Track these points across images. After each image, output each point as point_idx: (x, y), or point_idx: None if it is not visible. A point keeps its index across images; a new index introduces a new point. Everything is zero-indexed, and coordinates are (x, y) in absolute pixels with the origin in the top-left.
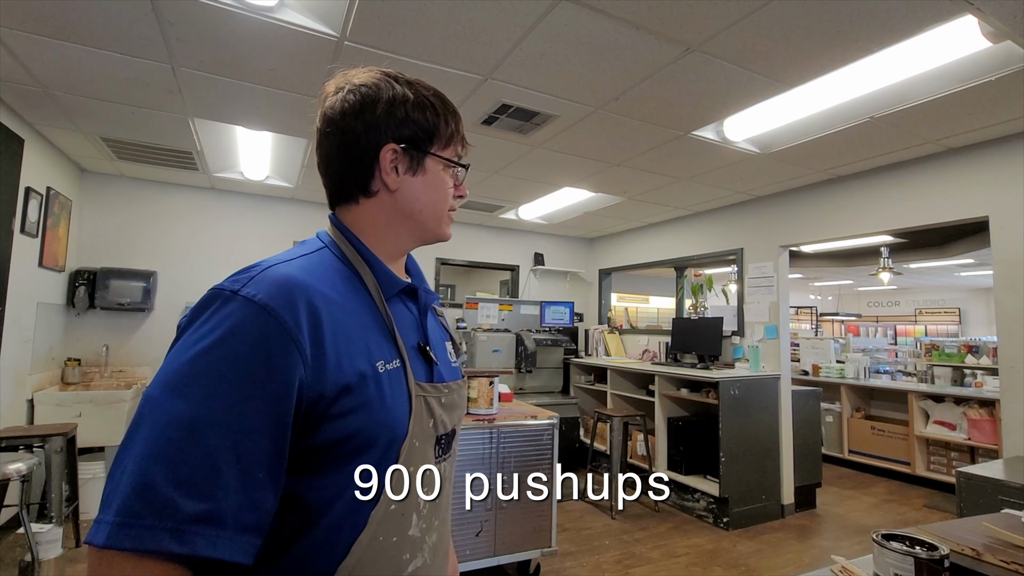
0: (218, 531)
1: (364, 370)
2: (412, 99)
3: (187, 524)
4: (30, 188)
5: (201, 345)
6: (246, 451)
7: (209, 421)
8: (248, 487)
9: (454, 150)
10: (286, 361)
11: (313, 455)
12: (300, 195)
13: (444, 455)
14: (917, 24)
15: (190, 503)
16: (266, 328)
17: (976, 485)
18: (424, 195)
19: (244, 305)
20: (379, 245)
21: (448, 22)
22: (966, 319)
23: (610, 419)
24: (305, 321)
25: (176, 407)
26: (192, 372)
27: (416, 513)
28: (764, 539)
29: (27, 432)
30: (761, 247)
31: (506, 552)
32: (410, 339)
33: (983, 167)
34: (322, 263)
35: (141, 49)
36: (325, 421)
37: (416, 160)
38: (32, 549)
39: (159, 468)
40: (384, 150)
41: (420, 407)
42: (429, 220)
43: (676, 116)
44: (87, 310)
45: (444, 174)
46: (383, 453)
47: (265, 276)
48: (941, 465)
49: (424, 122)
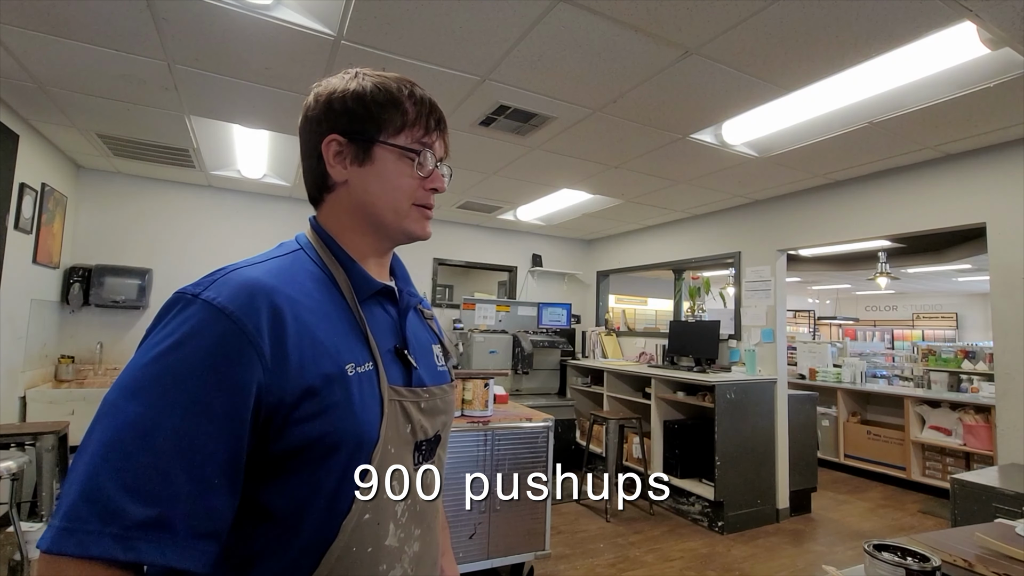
0: (167, 537)
1: (330, 373)
2: (354, 89)
3: (133, 530)
4: (25, 184)
5: (158, 349)
6: (200, 456)
7: (161, 425)
8: (202, 493)
9: (411, 137)
10: (243, 365)
11: (278, 461)
12: (297, 193)
13: (425, 462)
14: (915, 30)
15: (138, 508)
16: (223, 332)
17: (970, 492)
18: (374, 186)
19: (203, 309)
20: (351, 245)
21: (445, 22)
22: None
23: (606, 421)
24: (266, 324)
25: (130, 411)
26: (147, 376)
27: (393, 522)
28: (759, 543)
29: (19, 430)
30: (759, 251)
31: (499, 555)
32: (386, 342)
33: (981, 173)
34: (294, 265)
35: (136, 46)
36: (288, 426)
37: (363, 149)
38: (22, 548)
39: (108, 472)
40: (325, 142)
41: (394, 411)
42: (385, 213)
43: (674, 119)
44: (81, 307)
45: (400, 164)
46: (350, 458)
47: (228, 279)
48: (936, 471)
49: (365, 110)
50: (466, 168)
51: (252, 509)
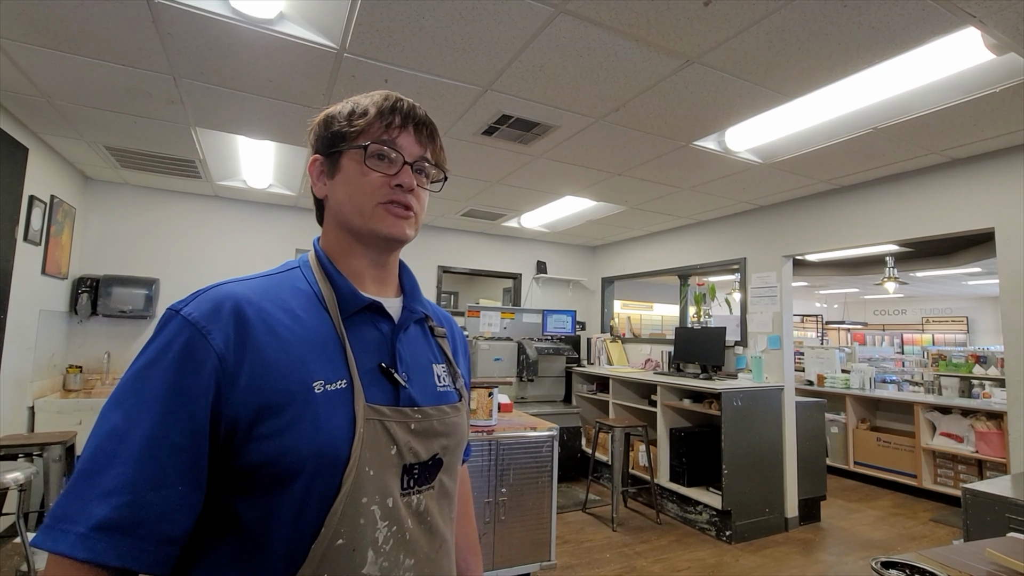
0: (126, 540)
1: (292, 389)
2: (330, 111)
3: (95, 531)
4: (34, 196)
5: (140, 361)
6: (166, 463)
7: (133, 433)
8: (166, 499)
9: (369, 136)
10: (204, 373)
11: (242, 476)
12: (302, 203)
13: (419, 487)
14: (919, 36)
15: (103, 510)
16: (192, 344)
17: (983, 502)
18: (341, 191)
19: (180, 323)
20: (343, 261)
21: (447, 34)
22: (974, 328)
23: (612, 429)
24: (230, 333)
25: (112, 419)
26: (129, 387)
27: (373, 549)
28: (767, 553)
29: (26, 441)
30: (764, 257)
31: (505, 566)
32: (369, 359)
33: (989, 178)
34: (283, 282)
35: (143, 60)
36: (248, 442)
37: (333, 162)
38: (28, 559)
39: (87, 476)
40: (310, 164)
41: (374, 432)
42: (352, 216)
43: (677, 127)
44: (89, 317)
45: (361, 165)
46: (313, 477)
47: (208, 295)
48: (948, 478)
49: (335, 124)
50: (469, 176)
51: (223, 515)
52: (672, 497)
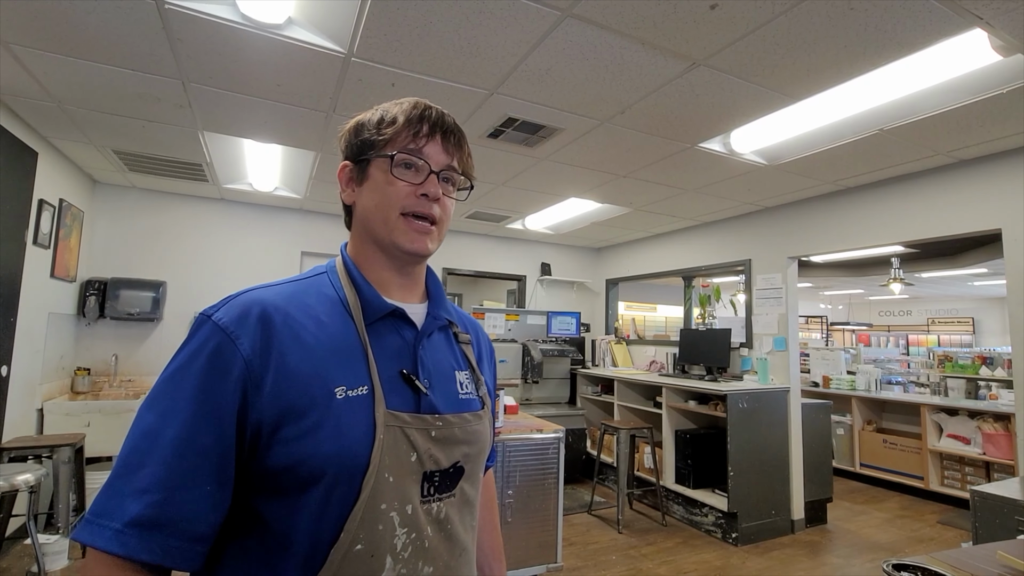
0: (157, 537)
1: (315, 394)
2: (360, 119)
3: (129, 527)
4: (43, 200)
5: (174, 364)
6: (195, 463)
7: (164, 433)
8: (195, 498)
9: (397, 145)
10: (232, 376)
11: (266, 479)
12: (308, 205)
13: (440, 495)
14: (925, 38)
15: (137, 508)
16: (221, 348)
17: (991, 505)
18: (368, 200)
19: (210, 328)
20: (369, 268)
21: (454, 38)
22: (980, 329)
23: (617, 431)
24: (259, 342)
25: (147, 419)
26: (163, 389)
27: (391, 555)
28: (774, 556)
29: (35, 443)
30: (769, 258)
31: (511, 568)
32: (392, 365)
33: (995, 179)
34: (309, 288)
35: (152, 65)
36: (272, 445)
37: (362, 169)
38: (39, 560)
39: (123, 473)
40: (339, 170)
41: (395, 438)
42: (377, 225)
43: (682, 129)
44: (97, 320)
45: (388, 173)
46: (334, 482)
47: (237, 300)
48: (955, 480)
49: (365, 132)
50: (474, 179)
51: (248, 516)
52: (678, 499)
